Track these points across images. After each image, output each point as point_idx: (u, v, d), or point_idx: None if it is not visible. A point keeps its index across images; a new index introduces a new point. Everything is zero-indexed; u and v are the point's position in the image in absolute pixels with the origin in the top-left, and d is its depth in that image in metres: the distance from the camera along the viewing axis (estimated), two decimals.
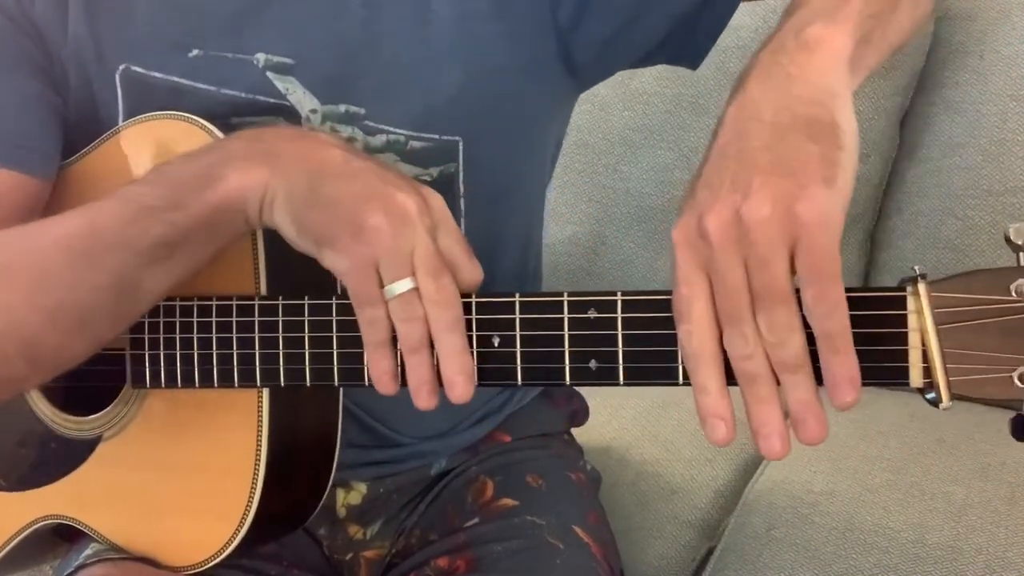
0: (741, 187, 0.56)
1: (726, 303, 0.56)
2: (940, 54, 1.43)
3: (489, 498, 0.95)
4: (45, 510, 0.88)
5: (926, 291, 0.59)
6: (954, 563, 1.03)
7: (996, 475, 1.15)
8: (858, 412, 1.32)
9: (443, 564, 0.90)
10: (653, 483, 1.22)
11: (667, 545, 1.15)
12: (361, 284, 0.67)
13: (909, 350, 0.60)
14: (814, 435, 0.57)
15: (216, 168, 0.70)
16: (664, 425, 1.33)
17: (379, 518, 0.97)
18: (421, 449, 0.97)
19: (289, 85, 0.83)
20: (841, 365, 0.56)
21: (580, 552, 0.91)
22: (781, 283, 0.55)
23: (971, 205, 1.36)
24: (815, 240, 0.55)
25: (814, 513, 1.11)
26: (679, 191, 1.46)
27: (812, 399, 0.57)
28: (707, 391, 0.58)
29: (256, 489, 0.78)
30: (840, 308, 0.55)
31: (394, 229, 0.66)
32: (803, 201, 0.55)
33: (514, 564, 0.87)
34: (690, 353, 0.58)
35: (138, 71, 0.83)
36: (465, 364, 0.66)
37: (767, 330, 0.56)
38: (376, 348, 0.68)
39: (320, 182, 0.68)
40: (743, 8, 1.44)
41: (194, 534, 0.81)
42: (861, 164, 1.41)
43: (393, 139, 0.84)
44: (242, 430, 0.78)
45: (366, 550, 0.97)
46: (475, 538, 0.91)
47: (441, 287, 0.66)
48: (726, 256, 0.56)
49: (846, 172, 0.57)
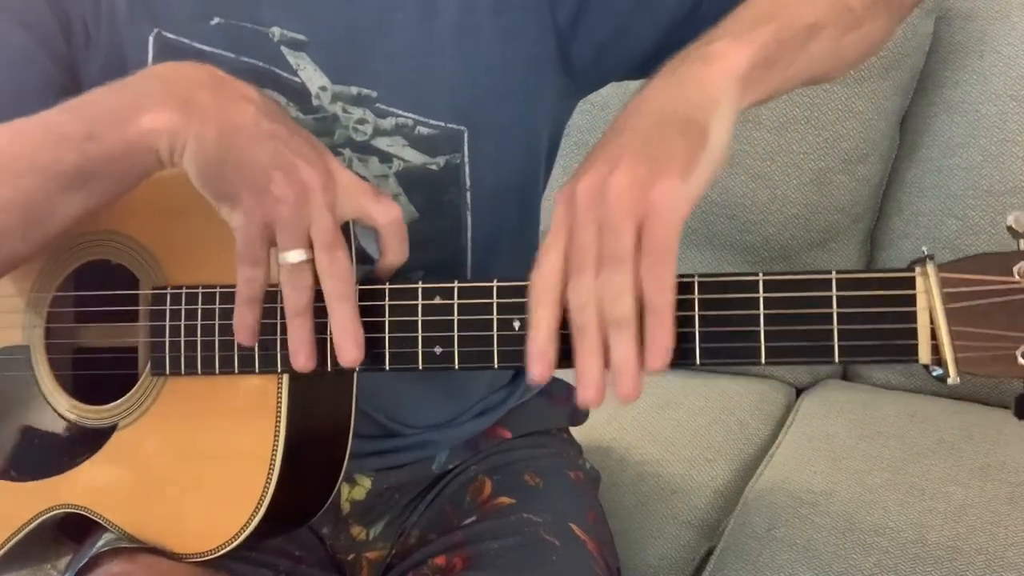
0: (612, 162, 0.63)
1: (574, 256, 0.63)
2: (940, 54, 1.42)
3: (487, 496, 0.96)
4: (55, 500, 0.87)
5: (935, 271, 0.63)
6: (954, 563, 1.03)
7: (996, 475, 1.15)
8: (858, 412, 1.33)
9: (440, 563, 0.90)
10: (653, 483, 1.22)
11: (666, 545, 1.15)
12: (249, 245, 0.72)
13: (918, 328, 0.63)
14: (627, 390, 0.63)
15: (131, 107, 0.73)
16: (664, 425, 1.33)
17: (382, 518, 0.98)
18: (423, 439, 0.97)
19: (300, 61, 0.85)
20: (659, 335, 0.62)
21: (576, 549, 0.91)
22: (623, 249, 0.62)
23: (971, 205, 1.36)
24: (658, 221, 0.61)
25: (814, 513, 1.11)
26: None
27: (632, 357, 0.62)
28: (539, 328, 0.65)
29: (273, 475, 0.78)
30: (667, 285, 0.62)
31: (295, 201, 0.70)
32: (657, 186, 0.62)
33: (510, 561, 0.87)
34: (535, 294, 0.65)
35: (168, 36, 0.85)
36: (356, 333, 0.72)
37: (603, 287, 0.62)
38: (247, 304, 0.74)
39: (229, 141, 0.71)
40: None
41: (208, 520, 0.81)
42: (861, 164, 1.42)
43: (402, 123, 0.87)
44: (260, 417, 0.79)
45: (368, 551, 0.98)
46: (472, 536, 0.91)
47: (334, 260, 0.71)
48: (584, 216, 0.63)
49: (702, 172, 0.64)
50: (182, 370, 0.80)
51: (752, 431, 1.34)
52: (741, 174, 1.44)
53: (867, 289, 0.64)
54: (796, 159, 1.42)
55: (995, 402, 1.34)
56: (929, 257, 0.63)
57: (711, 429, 1.33)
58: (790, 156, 1.42)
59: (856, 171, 1.42)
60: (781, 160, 1.42)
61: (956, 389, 1.37)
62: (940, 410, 1.32)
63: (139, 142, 0.72)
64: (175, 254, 0.83)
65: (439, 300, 0.74)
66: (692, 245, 1.48)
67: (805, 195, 1.42)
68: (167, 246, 0.84)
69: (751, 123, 1.43)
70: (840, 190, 1.42)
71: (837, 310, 0.65)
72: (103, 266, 0.87)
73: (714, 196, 1.45)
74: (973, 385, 1.36)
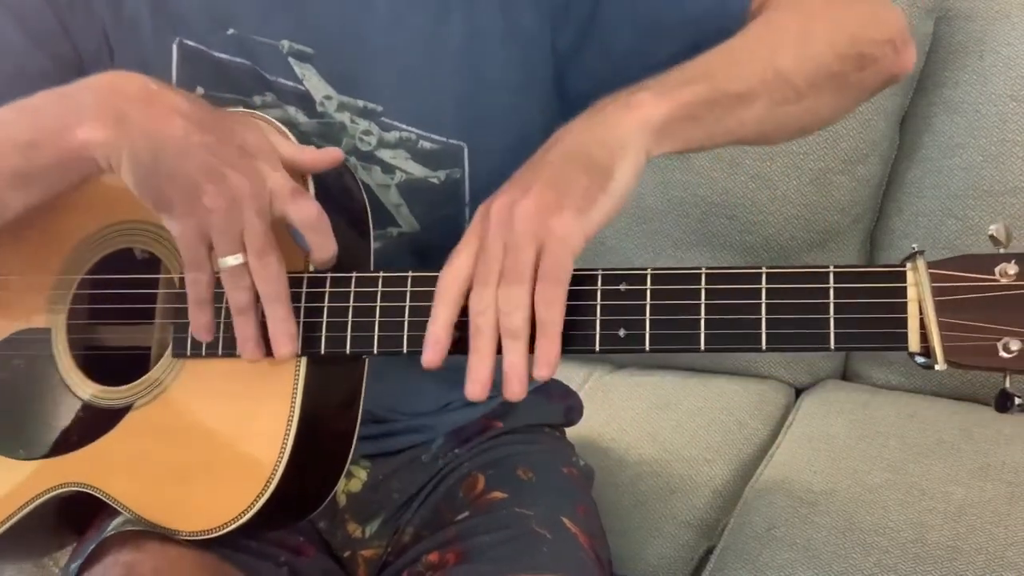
0: (523, 187, 0.70)
1: (481, 266, 0.70)
2: (940, 54, 1.42)
3: (480, 492, 0.97)
4: (63, 477, 0.88)
5: (924, 265, 0.68)
6: (954, 563, 1.03)
7: (996, 475, 1.15)
8: (858, 412, 1.33)
9: (434, 559, 0.91)
10: (652, 483, 1.22)
11: (666, 544, 1.15)
12: (189, 251, 0.77)
13: (908, 318, 0.68)
14: (514, 392, 0.70)
15: (68, 119, 0.77)
16: (663, 425, 1.33)
17: (377, 516, 0.98)
18: (415, 424, 0.99)
19: (306, 72, 0.88)
20: (546, 349, 0.69)
21: (566, 541, 0.92)
22: (523, 267, 0.69)
23: (971, 205, 1.35)
24: (553, 248, 0.69)
25: (814, 513, 1.11)
26: (678, 192, 1.46)
27: (521, 365, 0.70)
28: (435, 321, 0.72)
29: (284, 454, 0.79)
30: (557, 305, 0.69)
31: (225, 209, 0.74)
32: (557, 217, 0.69)
33: (501, 553, 0.88)
34: (439, 289, 0.72)
35: (189, 44, 0.88)
36: (288, 328, 0.77)
37: (502, 299, 0.69)
38: (197, 305, 0.79)
39: (160, 155, 0.75)
40: None
41: (216, 498, 0.82)
42: (861, 164, 1.42)
43: (405, 137, 0.89)
44: (276, 399, 0.80)
45: (364, 549, 0.98)
46: (465, 531, 0.92)
47: (265, 264, 0.76)
48: (494, 232, 0.70)
49: (600, 210, 0.71)
50: (203, 352, 0.82)
51: (751, 431, 1.34)
52: (741, 174, 1.44)
53: (861, 282, 0.69)
54: (796, 159, 1.42)
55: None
56: (920, 253, 0.68)
57: (710, 429, 1.33)
58: (790, 156, 1.42)
59: (856, 171, 1.42)
60: (781, 160, 1.42)
61: (956, 389, 1.38)
62: (940, 410, 1.32)
63: (76, 154, 0.77)
64: None
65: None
66: (692, 245, 1.48)
67: (805, 195, 1.42)
68: None
69: None
70: (840, 190, 1.42)
71: (834, 301, 0.69)
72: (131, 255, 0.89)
73: (714, 196, 1.45)
74: (973, 385, 1.36)
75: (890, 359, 1.42)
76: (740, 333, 0.71)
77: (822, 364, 1.48)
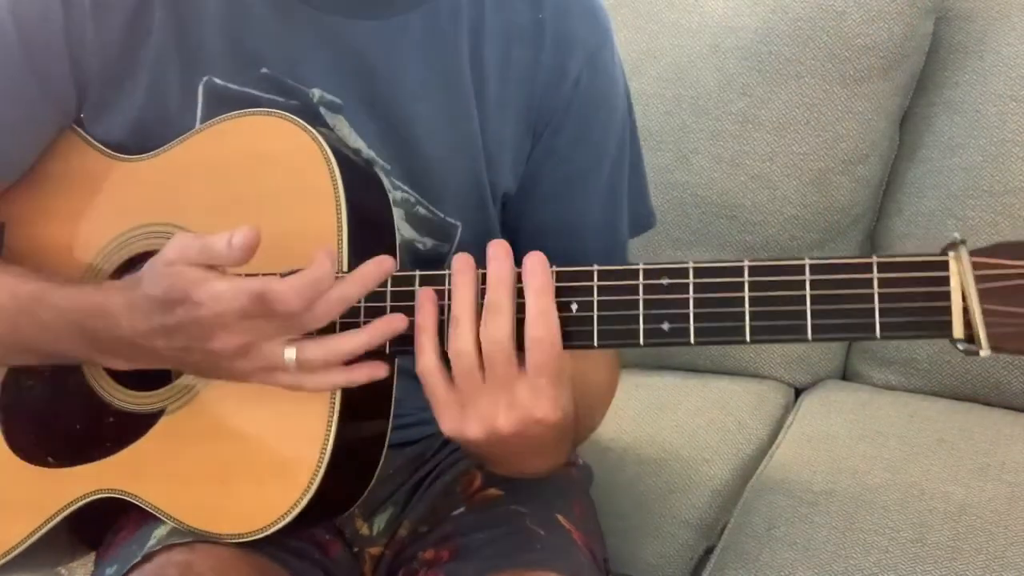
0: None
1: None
2: (940, 54, 1.42)
3: (476, 488, 0.98)
4: (97, 484, 0.88)
5: (966, 255, 0.69)
6: (954, 563, 1.03)
7: (996, 475, 1.15)
8: (858, 412, 1.33)
9: (429, 556, 0.92)
10: (651, 483, 1.22)
11: (665, 544, 1.15)
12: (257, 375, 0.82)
13: (952, 305, 0.70)
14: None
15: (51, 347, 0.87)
16: (662, 425, 1.33)
17: (384, 511, 0.99)
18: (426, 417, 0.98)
19: (337, 122, 0.90)
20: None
21: (561, 538, 0.92)
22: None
23: (971, 205, 1.35)
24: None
25: (814, 513, 1.11)
26: (679, 192, 1.46)
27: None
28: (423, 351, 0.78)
29: (325, 454, 0.80)
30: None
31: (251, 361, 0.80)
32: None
33: (495, 550, 0.89)
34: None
35: (219, 83, 0.89)
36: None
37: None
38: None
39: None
40: (744, 8, 1.45)
41: (258, 500, 0.82)
42: (861, 164, 1.42)
43: (405, 198, 0.92)
44: (314, 398, 0.80)
45: (371, 546, 0.99)
46: (459, 528, 0.93)
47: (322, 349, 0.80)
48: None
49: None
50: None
51: (751, 431, 1.34)
52: (741, 174, 1.44)
53: (905, 271, 0.71)
54: (796, 159, 1.42)
55: (995, 402, 1.34)
56: (962, 242, 0.70)
57: (709, 429, 1.33)
58: (790, 156, 1.42)
59: (856, 171, 1.42)
60: (781, 160, 1.42)
61: (956, 389, 1.38)
62: (940, 410, 1.32)
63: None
64: None
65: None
66: (692, 245, 1.48)
67: (805, 195, 1.42)
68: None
69: (751, 124, 1.43)
70: (840, 190, 1.42)
71: (878, 291, 0.71)
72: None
73: (714, 196, 1.45)
74: (973, 385, 1.35)
75: (889, 359, 1.42)
76: (785, 324, 0.72)
77: (822, 364, 1.48)
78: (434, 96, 0.91)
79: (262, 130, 0.86)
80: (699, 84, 1.46)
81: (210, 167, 0.87)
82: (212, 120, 0.88)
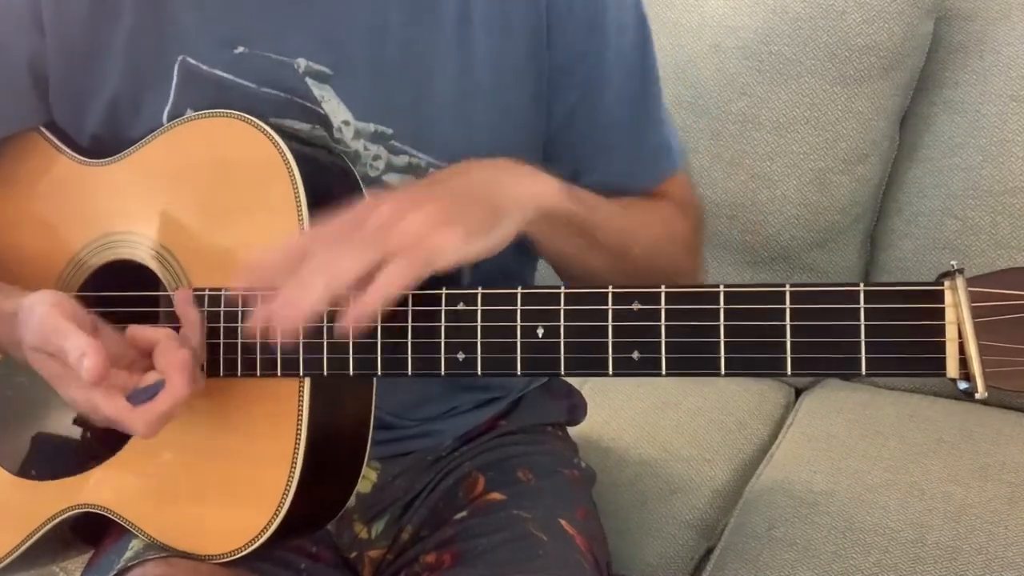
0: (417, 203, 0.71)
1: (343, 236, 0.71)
2: (940, 54, 1.42)
3: (479, 492, 0.97)
4: (74, 499, 0.88)
5: (963, 285, 0.63)
6: (954, 563, 1.03)
7: (996, 475, 1.15)
8: (858, 412, 1.33)
9: (431, 560, 0.91)
10: (652, 483, 1.22)
11: (666, 545, 1.15)
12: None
13: (946, 342, 0.64)
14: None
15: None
16: (663, 425, 1.33)
17: (383, 516, 0.99)
18: (426, 429, 0.99)
19: (325, 93, 0.87)
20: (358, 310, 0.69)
21: (564, 544, 0.92)
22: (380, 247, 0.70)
23: (971, 205, 1.35)
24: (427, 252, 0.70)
25: (814, 513, 1.11)
26: None
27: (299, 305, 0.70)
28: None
29: (294, 477, 0.79)
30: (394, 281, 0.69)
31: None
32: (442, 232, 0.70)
33: (497, 556, 0.88)
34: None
35: (191, 63, 0.87)
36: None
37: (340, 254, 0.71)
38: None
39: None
40: (744, 8, 1.45)
41: (230, 522, 0.81)
42: (861, 164, 1.42)
43: (415, 163, 0.89)
44: (282, 419, 0.80)
45: (370, 550, 0.98)
46: (462, 532, 0.92)
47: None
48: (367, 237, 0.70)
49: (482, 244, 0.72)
50: (220, 372, 0.81)
51: (751, 431, 1.34)
52: (741, 174, 1.44)
53: (895, 302, 0.64)
54: (796, 159, 1.42)
55: (995, 402, 1.34)
56: (959, 271, 0.64)
57: (710, 429, 1.33)
58: (790, 156, 1.42)
59: (856, 171, 1.42)
60: (781, 160, 1.42)
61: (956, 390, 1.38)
62: (940, 410, 1.32)
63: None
64: (198, 255, 0.84)
65: (463, 306, 0.74)
66: None
67: (805, 195, 1.42)
68: (189, 247, 0.84)
69: (751, 123, 1.43)
70: (840, 190, 1.42)
71: (864, 323, 0.65)
72: (125, 266, 0.88)
73: (714, 196, 1.45)
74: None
75: None
76: (764, 358, 0.67)
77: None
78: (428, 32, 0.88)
79: (223, 134, 0.84)
80: (699, 84, 1.46)
81: (171, 174, 0.86)
82: (175, 121, 0.87)
